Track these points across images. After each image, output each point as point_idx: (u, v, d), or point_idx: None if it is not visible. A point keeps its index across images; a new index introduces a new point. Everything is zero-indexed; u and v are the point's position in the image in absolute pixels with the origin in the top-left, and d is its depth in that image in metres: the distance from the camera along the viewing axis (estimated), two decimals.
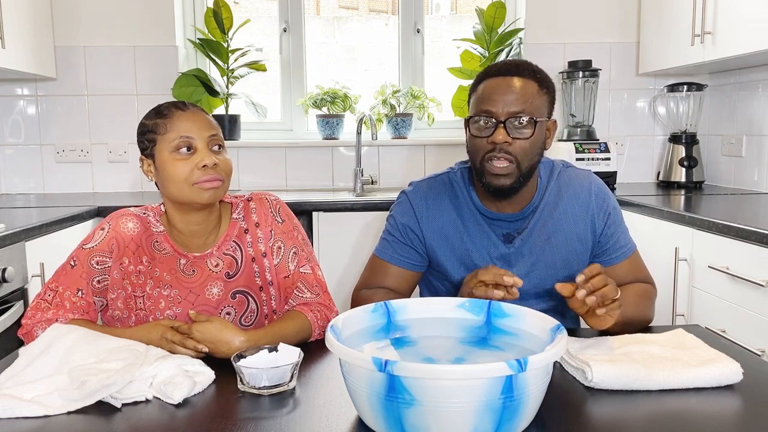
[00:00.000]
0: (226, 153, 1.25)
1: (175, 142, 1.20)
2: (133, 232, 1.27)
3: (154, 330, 1.14)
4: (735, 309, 1.78)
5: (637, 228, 2.29)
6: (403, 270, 1.41)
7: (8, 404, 0.91)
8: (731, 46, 2.27)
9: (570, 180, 1.40)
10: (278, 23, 3.12)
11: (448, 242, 1.38)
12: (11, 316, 1.85)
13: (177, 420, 0.90)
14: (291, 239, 1.32)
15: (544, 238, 1.36)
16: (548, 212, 1.37)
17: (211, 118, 1.25)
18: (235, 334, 1.10)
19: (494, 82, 1.29)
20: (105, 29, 2.91)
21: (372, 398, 0.80)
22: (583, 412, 0.92)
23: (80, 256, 1.24)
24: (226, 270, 1.28)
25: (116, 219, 1.28)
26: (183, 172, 1.19)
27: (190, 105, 1.25)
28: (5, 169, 2.97)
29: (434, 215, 1.39)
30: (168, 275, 1.25)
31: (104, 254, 1.25)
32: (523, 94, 1.27)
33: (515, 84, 1.28)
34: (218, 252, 1.28)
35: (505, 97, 1.27)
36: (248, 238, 1.30)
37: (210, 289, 1.26)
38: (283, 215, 1.34)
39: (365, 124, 2.95)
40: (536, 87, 1.29)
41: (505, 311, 1.00)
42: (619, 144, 3.06)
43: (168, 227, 1.29)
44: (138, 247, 1.27)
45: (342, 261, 2.52)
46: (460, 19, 3.36)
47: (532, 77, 1.30)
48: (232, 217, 1.32)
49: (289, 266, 1.30)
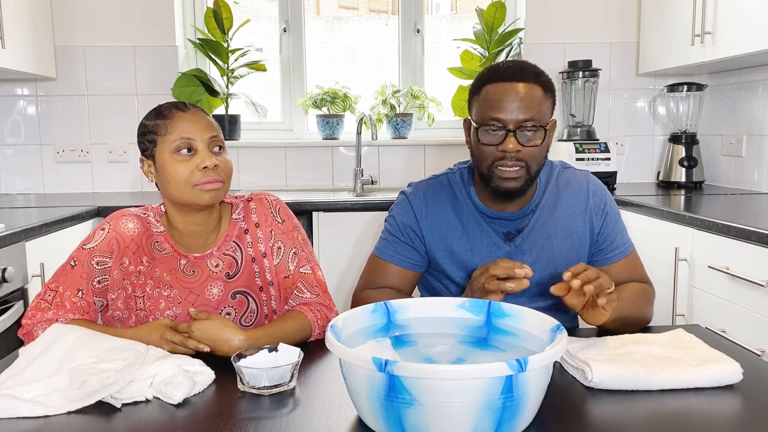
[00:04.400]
0: (227, 154, 1.25)
1: (176, 144, 1.19)
2: (134, 232, 1.27)
3: (155, 330, 1.14)
4: (735, 309, 1.78)
5: (637, 228, 2.29)
6: (404, 270, 1.41)
7: (8, 404, 0.91)
8: (731, 46, 2.27)
9: (568, 180, 1.42)
10: (278, 23, 3.12)
11: (448, 242, 1.38)
12: (11, 316, 1.85)
13: (177, 420, 0.90)
14: (291, 239, 1.32)
15: (544, 236, 1.37)
16: (548, 211, 1.38)
17: (211, 119, 1.25)
18: (235, 333, 1.11)
19: (500, 88, 1.28)
20: (105, 29, 2.91)
21: (372, 398, 0.80)
22: (583, 412, 0.92)
23: (80, 256, 1.24)
24: (226, 270, 1.28)
25: (116, 219, 1.28)
26: (183, 173, 1.19)
27: (190, 106, 1.24)
28: (5, 169, 2.97)
29: (433, 215, 1.39)
30: (168, 275, 1.25)
31: (104, 254, 1.24)
32: (531, 101, 1.27)
33: (522, 90, 1.27)
34: (218, 252, 1.28)
35: (513, 104, 1.26)
36: (248, 238, 1.30)
37: (210, 289, 1.26)
38: (283, 215, 1.33)
39: (365, 124, 2.95)
40: (541, 92, 1.29)
41: (505, 311, 1.00)
42: (619, 144, 3.06)
43: (168, 228, 1.29)
44: (138, 247, 1.26)
45: (342, 261, 2.52)
46: (460, 19, 3.36)
47: (536, 81, 1.29)
48: (232, 218, 1.31)
49: (289, 266, 1.30)
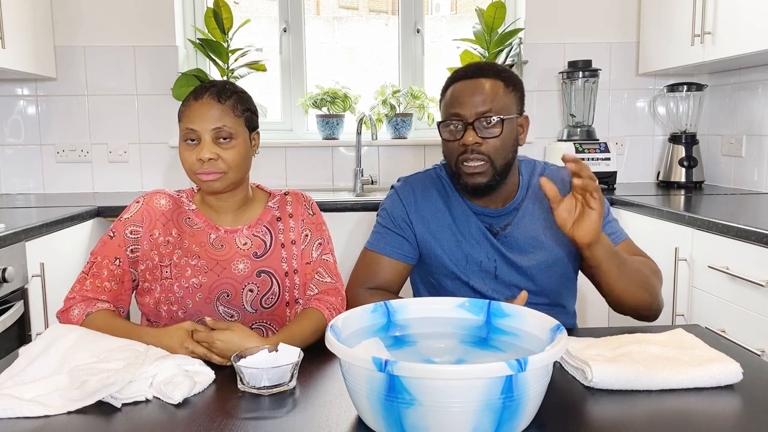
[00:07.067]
0: (238, 143, 1.27)
1: (183, 133, 1.26)
2: (165, 207, 1.33)
3: (176, 335, 1.13)
4: (735, 309, 1.78)
5: (637, 228, 2.29)
6: (396, 262, 1.42)
7: (8, 404, 0.91)
8: (731, 46, 2.27)
9: (552, 177, 1.41)
10: (278, 23, 3.12)
11: (438, 232, 1.40)
12: (11, 316, 1.85)
13: (177, 420, 0.90)
14: (318, 231, 1.38)
15: (530, 234, 1.39)
16: (532, 209, 1.40)
17: (226, 106, 1.26)
18: (258, 342, 1.10)
19: (460, 86, 1.33)
20: (105, 29, 2.91)
21: (372, 398, 0.80)
22: (583, 412, 0.92)
23: (117, 227, 1.30)
24: (255, 250, 1.31)
25: (150, 195, 1.34)
26: (187, 161, 1.26)
27: (207, 94, 1.26)
28: (5, 169, 2.97)
29: (422, 206, 1.42)
30: (197, 247, 1.30)
31: (137, 224, 1.30)
32: (489, 94, 1.31)
33: (480, 85, 1.31)
34: (248, 231, 1.32)
35: (471, 98, 1.31)
36: (280, 226, 1.35)
37: (236, 264, 1.29)
38: (314, 210, 1.41)
39: (365, 124, 2.95)
40: (502, 86, 1.32)
41: (505, 311, 1.00)
42: (619, 144, 3.06)
43: (201, 205, 1.35)
44: (168, 220, 1.32)
45: (342, 261, 2.51)
46: (460, 19, 3.36)
47: (497, 76, 1.33)
48: (267, 205, 1.37)
49: (312, 253, 1.35)
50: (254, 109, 1.34)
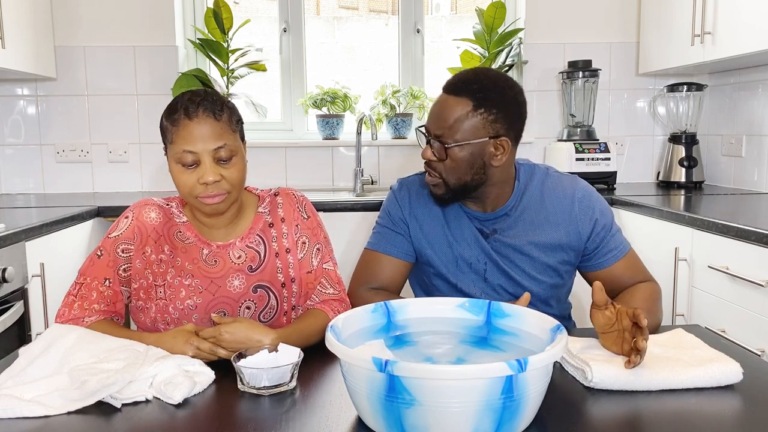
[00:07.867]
0: (238, 159, 1.20)
1: (178, 156, 1.17)
2: (155, 221, 1.26)
3: (179, 336, 1.12)
4: (735, 309, 1.78)
5: (637, 228, 2.29)
6: (397, 260, 1.43)
7: (8, 404, 0.91)
8: (731, 46, 2.27)
9: (554, 187, 1.40)
10: (278, 23, 3.12)
11: (430, 233, 1.41)
12: (11, 316, 1.85)
13: (177, 420, 0.90)
14: (315, 236, 1.32)
15: (521, 241, 1.37)
16: (526, 216, 1.38)
17: (222, 122, 1.18)
18: (265, 333, 1.10)
19: (438, 98, 1.34)
20: (105, 29, 2.91)
21: (372, 398, 0.80)
22: (583, 412, 0.92)
23: (106, 245, 1.25)
24: (249, 263, 1.27)
25: (139, 208, 1.27)
26: (186, 184, 1.18)
27: (200, 110, 1.16)
28: (5, 169, 2.97)
29: (416, 206, 1.43)
30: (190, 264, 1.24)
31: (128, 242, 1.25)
32: (446, 119, 1.29)
33: (445, 105, 1.30)
34: (241, 243, 1.27)
35: (435, 116, 1.32)
36: (273, 232, 1.29)
37: (231, 281, 1.25)
38: (309, 212, 1.34)
39: (365, 124, 2.95)
40: (470, 108, 1.27)
41: (505, 311, 1.00)
42: (618, 144, 3.06)
43: (191, 217, 1.29)
44: (160, 236, 1.26)
45: (342, 261, 2.51)
46: (460, 19, 3.36)
47: (471, 96, 1.27)
48: (257, 211, 1.31)
49: (312, 262, 1.30)
50: (241, 117, 1.27)
